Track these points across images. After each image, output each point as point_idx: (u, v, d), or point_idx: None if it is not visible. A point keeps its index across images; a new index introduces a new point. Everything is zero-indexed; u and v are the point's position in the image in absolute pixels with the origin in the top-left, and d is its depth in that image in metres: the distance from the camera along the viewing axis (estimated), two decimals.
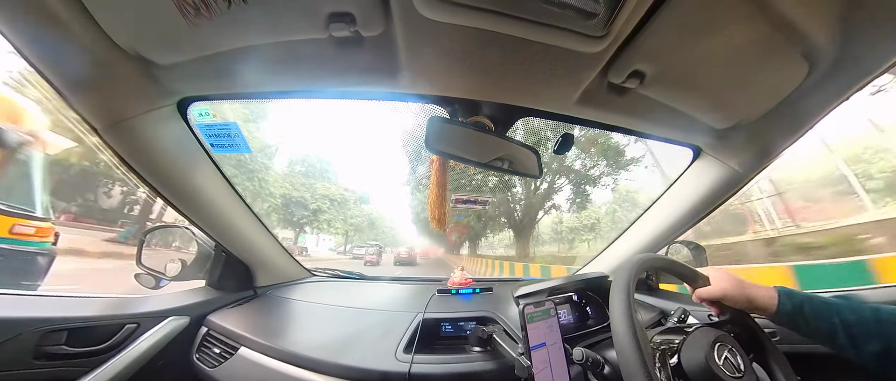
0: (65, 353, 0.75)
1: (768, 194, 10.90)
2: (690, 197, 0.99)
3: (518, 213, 14.30)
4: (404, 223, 54.16)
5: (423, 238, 29.60)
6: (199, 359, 0.91)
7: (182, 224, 1.02)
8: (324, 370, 0.73)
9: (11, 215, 2.02)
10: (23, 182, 2.11)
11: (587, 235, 24.29)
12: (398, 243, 36.61)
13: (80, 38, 0.51)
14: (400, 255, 18.58)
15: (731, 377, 0.52)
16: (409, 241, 37.77)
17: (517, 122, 0.83)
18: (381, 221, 39.16)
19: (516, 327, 0.85)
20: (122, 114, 0.64)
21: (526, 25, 0.49)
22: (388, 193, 67.91)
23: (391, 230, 43.42)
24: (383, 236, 39.79)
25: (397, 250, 20.38)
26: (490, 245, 28.82)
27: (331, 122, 61.71)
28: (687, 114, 0.75)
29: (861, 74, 0.59)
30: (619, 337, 0.51)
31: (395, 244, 33.24)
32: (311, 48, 0.59)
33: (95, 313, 0.82)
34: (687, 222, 1.05)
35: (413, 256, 19.03)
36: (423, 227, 22.33)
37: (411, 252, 19.19)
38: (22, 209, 2.10)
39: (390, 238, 41.87)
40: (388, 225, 43.28)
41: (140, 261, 1.01)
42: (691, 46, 0.56)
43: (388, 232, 43.07)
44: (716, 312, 0.71)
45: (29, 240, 2.09)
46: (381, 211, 39.73)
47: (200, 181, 0.85)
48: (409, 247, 20.57)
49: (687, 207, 1.01)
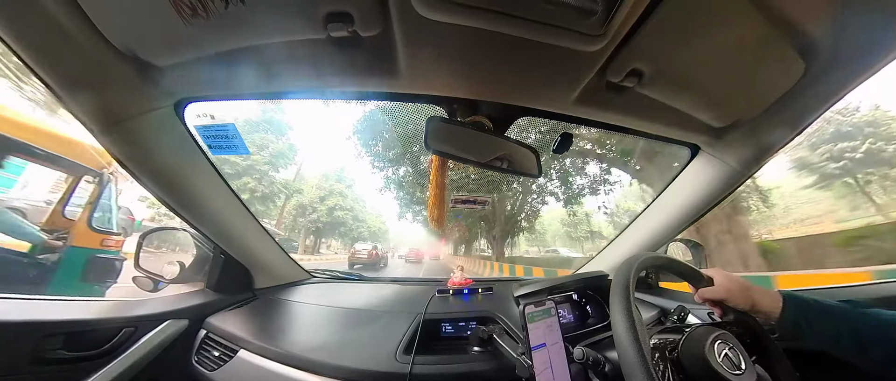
0: (63, 357, 0.74)
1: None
2: (689, 195, 1.00)
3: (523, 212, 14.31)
4: (403, 225, 54.30)
5: (428, 238, 30.34)
6: (199, 362, 0.90)
7: (180, 226, 1.02)
8: (324, 372, 0.73)
9: (101, 231, 2.82)
10: (105, 205, 2.89)
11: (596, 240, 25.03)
12: (402, 244, 36.93)
13: (75, 38, 0.51)
14: (407, 255, 19.93)
15: (731, 374, 0.52)
16: (410, 242, 38.02)
17: (516, 121, 0.83)
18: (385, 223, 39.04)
19: (517, 326, 0.85)
20: (119, 115, 0.64)
21: (524, 25, 0.49)
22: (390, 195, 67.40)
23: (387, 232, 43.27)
24: (385, 236, 39.69)
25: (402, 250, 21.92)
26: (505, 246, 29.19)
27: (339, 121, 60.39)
28: (685, 112, 0.75)
29: (857, 71, 0.59)
30: (619, 336, 0.51)
31: (397, 245, 33.79)
32: (309, 48, 0.59)
33: (93, 317, 0.81)
34: (686, 220, 1.05)
35: (420, 256, 20.30)
36: (426, 227, 22.72)
37: (418, 252, 20.45)
38: (106, 227, 2.89)
39: (392, 239, 42.03)
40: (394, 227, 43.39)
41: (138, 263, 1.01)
42: (689, 45, 0.56)
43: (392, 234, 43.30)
44: (718, 312, 0.71)
45: (112, 249, 2.90)
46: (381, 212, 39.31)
47: (198, 183, 0.85)
48: (414, 248, 21.91)
49: (686, 205, 1.01)
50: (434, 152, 0.76)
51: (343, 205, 25.57)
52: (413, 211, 15.68)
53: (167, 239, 1.17)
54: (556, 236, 35.93)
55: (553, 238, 43.46)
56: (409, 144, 9.37)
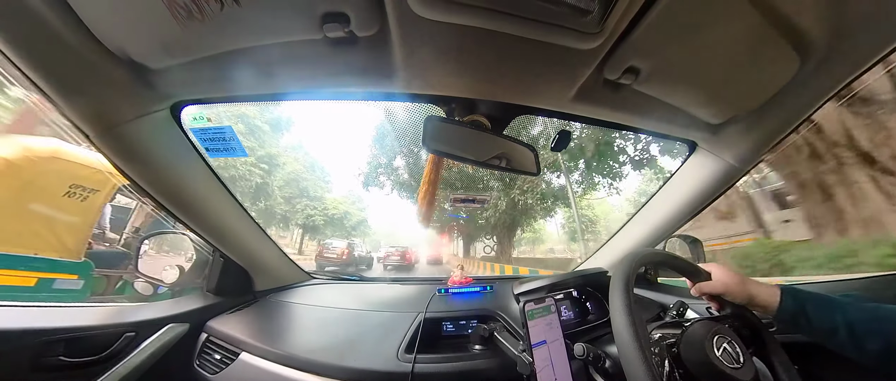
0: (63, 363, 0.74)
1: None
2: (687, 192, 1.00)
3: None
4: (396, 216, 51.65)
5: (426, 235, 27.03)
6: (200, 366, 0.90)
7: (179, 230, 1.01)
8: (326, 373, 0.73)
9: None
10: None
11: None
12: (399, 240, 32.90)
13: (69, 42, 0.50)
14: (387, 258, 13.44)
15: (730, 367, 0.53)
16: (406, 240, 34.47)
17: (514, 120, 0.83)
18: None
19: (517, 324, 0.86)
20: (115, 119, 0.63)
21: (521, 23, 0.49)
22: None
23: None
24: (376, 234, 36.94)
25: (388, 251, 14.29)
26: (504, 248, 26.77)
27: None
28: (682, 109, 0.75)
29: (852, 66, 0.59)
30: (619, 332, 0.51)
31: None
32: (306, 49, 0.58)
33: (93, 322, 0.81)
34: (684, 216, 1.06)
35: (411, 258, 13.97)
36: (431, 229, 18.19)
37: (407, 254, 13.74)
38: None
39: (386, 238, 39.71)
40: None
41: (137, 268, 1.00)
42: (684, 42, 0.56)
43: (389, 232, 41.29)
44: (716, 307, 0.71)
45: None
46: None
47: (196, 186, 0.84)
48: (401, 247, 14.51)
49: (684, 201, 1.02)
50: (432, 152, 0.77)
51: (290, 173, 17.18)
52: (403, 196, 13.64)
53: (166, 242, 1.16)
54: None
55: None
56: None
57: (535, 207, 12.59)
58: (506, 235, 14.62)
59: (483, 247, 17.33)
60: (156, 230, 1.13)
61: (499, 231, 14.15)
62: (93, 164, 2.64)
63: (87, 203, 2.61)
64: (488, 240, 15.89)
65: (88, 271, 2.55)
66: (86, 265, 2.56)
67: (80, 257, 2.51)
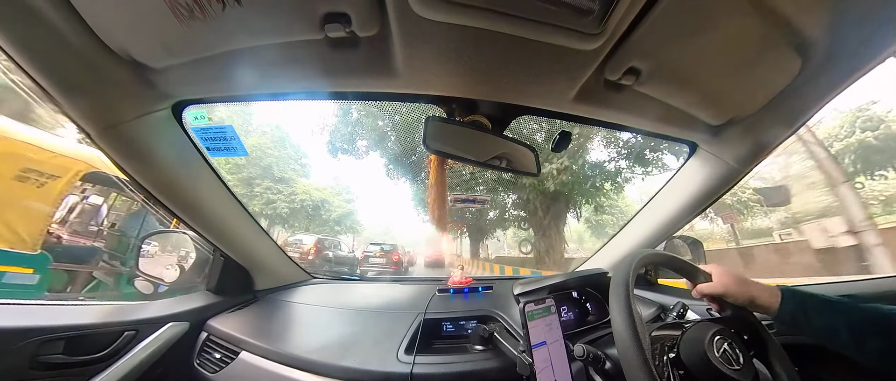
0: (63, 362, 0.74)
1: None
2: (687, 193, 1.00)
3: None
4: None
5: (426, 234, 23.77)
6: (200, 365, 0.91)
7: (180, 229, 1.01)
8: (325, 373, 0.73)
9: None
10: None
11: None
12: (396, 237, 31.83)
13: (71, 41, 0.50)
14: (369, 257, 10.37)
15: (730, 369, 0.52)
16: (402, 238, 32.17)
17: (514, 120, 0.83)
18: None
19: (517, 325, 0.86)
20: (116, 119, 0.63)
21: (522, 24, 0.49)
22: None
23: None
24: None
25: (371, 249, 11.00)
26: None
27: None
28: (683, 110, 0.75)
29: (853, 68, 0.59)
30: (619, 333, 0.51)
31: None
32: (307, 49, 0.58)
33: (93, 321, 0.81)
34: (684, 217, 1.06)
35: (399, 260, 10.58)
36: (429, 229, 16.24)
37: (395, 255, 10.43)
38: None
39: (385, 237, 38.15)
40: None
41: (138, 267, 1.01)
42: (685, 43, 0.56)
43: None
44: (716, 308, 0.71)
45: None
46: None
47: (197, 186, 0.84)
48: (392, 246, 11.18)
49: (684, 202, 1.02)
50: (433, 152, 0.77)
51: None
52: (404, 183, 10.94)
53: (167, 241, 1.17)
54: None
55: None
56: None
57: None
58: (554, 227, 10.41)
59: (518, 243, 13.60)
60: (156, 231, 1.13)
61: (541, 221, 10.25)
62: (52, 148, 2.36)
63: (45, 190, 2.33)
64: (525, 231, 11.99)
65: (45, 266, 2.31)
66: (42, 258, 2.30)
67: (36, 249, 2.26)
